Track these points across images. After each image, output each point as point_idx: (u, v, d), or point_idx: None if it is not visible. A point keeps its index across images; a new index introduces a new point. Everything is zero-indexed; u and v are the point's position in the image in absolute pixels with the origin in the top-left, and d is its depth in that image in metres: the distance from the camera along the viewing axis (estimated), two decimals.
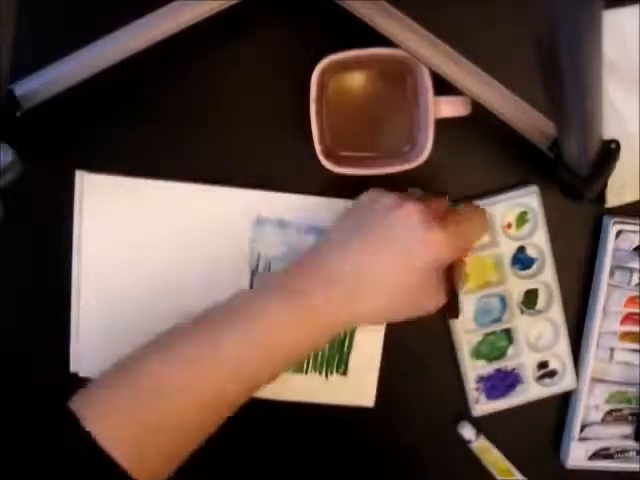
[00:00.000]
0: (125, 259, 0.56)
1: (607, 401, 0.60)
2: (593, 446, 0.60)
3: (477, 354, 0.58)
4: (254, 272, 0.56)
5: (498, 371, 0.59)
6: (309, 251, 0.49)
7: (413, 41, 0.48)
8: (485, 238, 0.53)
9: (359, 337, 0.58)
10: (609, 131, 0.47)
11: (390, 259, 0.45)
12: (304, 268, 0.47)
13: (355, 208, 0.50)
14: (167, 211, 0.55)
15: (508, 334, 0.58)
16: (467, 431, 0.59)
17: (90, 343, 0.56)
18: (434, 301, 0.48)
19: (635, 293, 0.58)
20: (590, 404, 0.60)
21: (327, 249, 0.47)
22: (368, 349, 0.58)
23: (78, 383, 0.57)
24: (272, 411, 0.59)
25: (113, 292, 0.56)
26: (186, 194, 0.55)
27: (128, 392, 0.43)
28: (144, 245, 0.55)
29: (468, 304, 0.58)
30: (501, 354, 0.59)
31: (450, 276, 0.50)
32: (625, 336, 0.59)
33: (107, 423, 0.41)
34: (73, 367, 0.57)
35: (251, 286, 0.56)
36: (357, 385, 0.58)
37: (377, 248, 0.46)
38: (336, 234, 0.49)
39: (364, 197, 0.49)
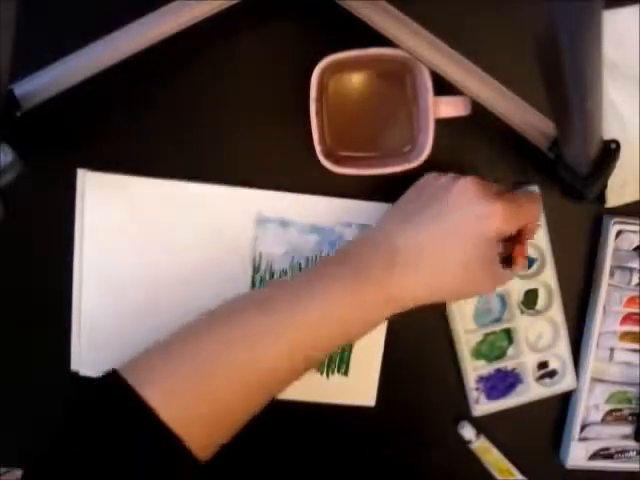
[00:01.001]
0: (126, 258, 0.56)
1: (607, 401, 0.60)
2: (593, 446, 0.60)
3: (477, 354, 0.58)
4: (255, 271, 0.56)
5: (498, 371, 0.59)
6: (371, 229, 0.50)
7: (413, 41, 0.48)
8: (539, 224, 0.52)
9: None
10: (609, 131, 0.47)
11: (450, 232, 0.45)
12: (366, 245, 0.48)
13: (414, 188, 0.50)
14: (168, 210, 0.55)
15: (508, 334, 0.58)
16: (467, 431, 0.59)
17: (91, 342, 0.56)
18: (492, 279, 0.48)
19: (635, 293, 0.58)
20: (590, 404, 0.60)
21: (389, 226, 0.48)
22: (369, 349, 0.58)
23: (78, 382, 0.57)
24: (273, 410, 0.59)
25: (114, 290, 0.56)
26: (187, 193, 0.55)
27: (191, 369, 0.43)
28: (145, 244, 0.56)
29: (468, 304, 0.58)
30: (501, 354, 0.59)
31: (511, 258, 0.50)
32: (625, 336, 0.59)
33: (171, 401, 0.42)
34: (74, 366, 0.57)
35: (253, 285, 0.56)
36: (358, 385, 0.59)
37: (437, 222, 0.46)
38: (397, 212, 0.49)
39: (421, 180, 0.50)
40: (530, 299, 0.58)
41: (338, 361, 0.58)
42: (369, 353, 0.58)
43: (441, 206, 0.46)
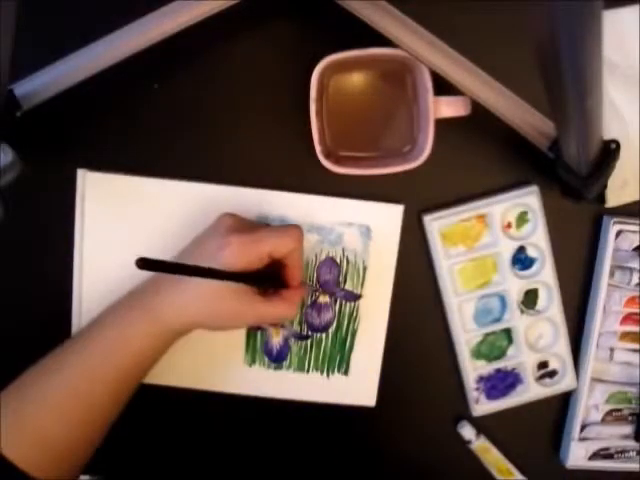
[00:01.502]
0: (126, 257, 0.55)
1: (607, 401, 0.60)
2: (593, 446, 0.60)
3: (477, 354, 0.58)
4: None
5: (498, 371, 0.59)
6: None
7: (413, 41, 0.48)
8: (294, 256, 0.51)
9: (361, 337, 0.58)
10: (609, 131, 0.47)
11: (199, 260, 0.47)
12: (139, 288, 0.52)
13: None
14: (168, 209, 0.55)
15: (508, 334, 0.58)
16: (467, 431, 0.59)
17: None
18: (250, 313, 0.49)
19: (635, 293, 0.58)
20: (590, 404, 0.60)
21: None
22: (369, 349, 0.58)
23: None
24: (273, 410, 0.59)
25: (114, 290, 0.56)
26: (188, 193, 0.55)
27: (17, 406, 0.47)
28: (145, 243, 0.56)
29: (468, 304, 0.58)
30: (501, 354, 0.59)
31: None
32: (625, 336, 0.59)
33: (10, 439, 0.45)
34: None
35: None
36: (358, 385, 0.59)
37: (194, 249, 0.50)
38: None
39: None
40: (530, 299, 0.58)
41: (338, 361, 0.58)
42: (369, 353, 0.58)
43: (201, 236, 0.51)
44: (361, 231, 0.56)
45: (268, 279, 0.50)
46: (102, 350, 0.49)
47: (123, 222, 0.55)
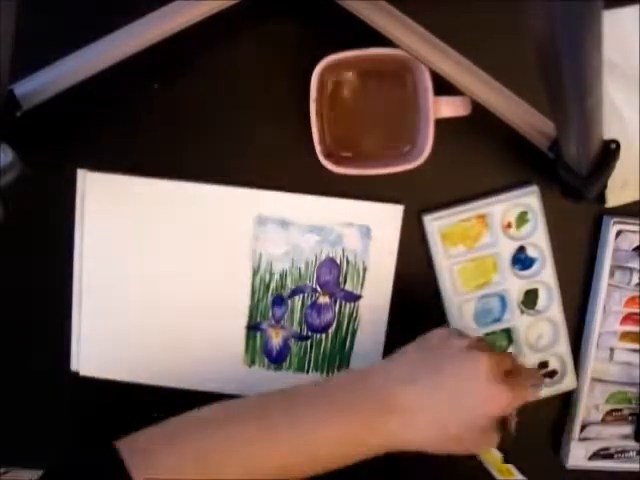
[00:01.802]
0: (126, 258, 0.56)
1: (607, 401, 0.60)
2: (593, 446, 0.60)
3: None
4: (256, 271, 0.56)
5: None
6: (372, 375, 0.47)
7: (413, 41, 0.48)
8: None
9: (360, 337, 0.58)
10: (609, 131, 0.47)
11: (452, 401, 0.45)
12: (368, 392, 0.46)
13: (423, 343, 0.49)
14: (168, 210, 0.55)
15: (508, 334, 0.58)
16: None
17: (91, 342, 0.56)
18: (480, 444, 0.48)
19: (635, 293, 0.58)
20: (590, 404, 0.60)
21: (392, 380, 0.46)
22: (369, 349, 0.58)
23: (78, 382, 0.58)
24: None
25: (114, 290, 0.56)
26: (187, 193, 0.55)
27: (191, 458, 0.43)
28: (145, 244, 0.56)
29: (468, 304, 0.58)
30: None
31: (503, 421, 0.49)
32: (625, 336, 0.59)
33: None
34: (73, 366, 0.57)
35: (252, 286, 0.56)
36: None
37: (442, 385, 0.45)
38: (402, 366, 0.48)
39: (433, 335, 0.48)
40: (530, 299, 0.58)
41: (338, 361, 0.58)
42: (369, 354, 0.58)
43: (453, 373, 0.45)
44: (361, 231, 0.56)
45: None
46: (300, 447, 0.44)
47: (123, 222, 0.55)
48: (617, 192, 0.56)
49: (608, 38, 0.33)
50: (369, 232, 0.56)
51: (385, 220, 0.56)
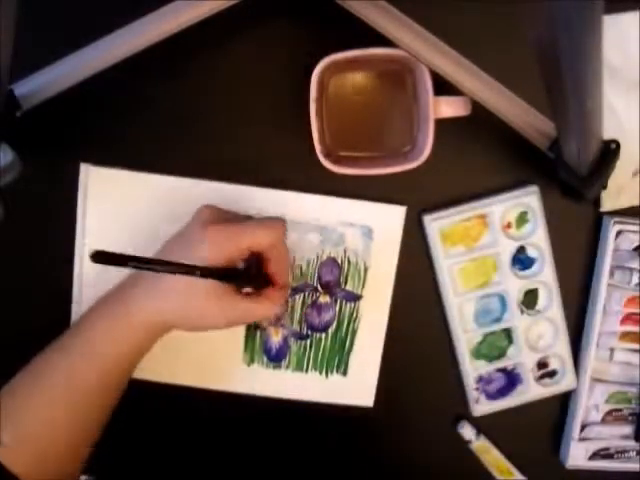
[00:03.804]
0: (127, 253, 0.56)
1: (607, 401, 0.60)
2: (593, 446, 0.60)
3: (477, 354, 0.58)
4: None
5: (498, 371, 0.59)
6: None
7: (413, 41, 0.48)
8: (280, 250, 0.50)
9: (360, 337, 0.58)
10: (607, 136, 0.47)
11: (177, 254, 0.46)
12: (122, 281, 0.50)
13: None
14: (171, 206, 0.55)
15: (508, 334, 0.58)
16: (467, 431, 0.59)
17: None
18: (224, 313, 0.47)
19: (635, 293, 0.58)
20: (590, 404, 0.60)
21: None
22: (369, 349, 0.58)
23: None
24: (271, 409, 0.59)
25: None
26: (188, 190, 0.55)
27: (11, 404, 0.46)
28: (146, 241, 0.55)
29: (468, 304, 0.58)
30: (501, 354, 0.59)
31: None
32: (625, 336, 0.59)
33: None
34: None
35: None
36: (357, 385, 0.59)
37: (171, 244, 0.48)
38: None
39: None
40: (530, 299, 0.58)
41: (337, 361, 0.58)
42: (369, 354, 0.58)
43: (181, 229, 0.49)
44: (363, 232, 0.56)
45: (248, 276, 0.48)
46: (83, 349, 0.48)
47: (125, 218, 0.55)
48: (613, 197, 0.56)
49: (609, 43, 0.33)
50: (371, 232, 0.56)
51: (387, 221, 0.56)
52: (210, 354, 0.57)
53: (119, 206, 0.55)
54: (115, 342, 0.47)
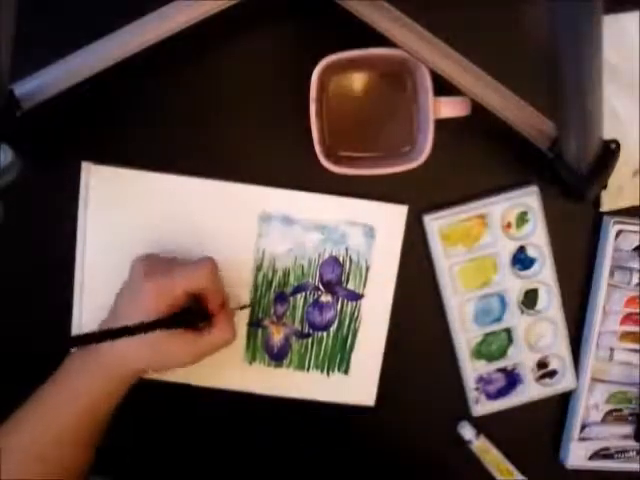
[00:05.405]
0: (128, 254, 0.56)
1: (607, 401, 0.60)
2: (593, 446, 0.60)
3: (477, 354, 0.58)
4: (259, 268, 0.56)
5: (498, 371, 0.59)
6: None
7: (413, 41, 0.48)
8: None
9: (361, 336, 0.58)
10: (607, 136, 0.47)
11: (126, 312, 0.48)
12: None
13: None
14: (173, 205, 0.55)
15: (508, 334, 0.58)
16: (467, 431, 0.59)
17: None
18: (187, 350, 0.49)
19: (635, 293, 0.58)
20: (590, 404, 0.60)
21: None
22: (370, 348, 0.58)
23: None
24: (273, 408, 0.59)
25: (117, 285, 0.56)
26: (191, 189, 0.55)
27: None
28: (149, 239, 0.56)
29: (468, 304, 0.58)
30: (501, 354, 0.59)
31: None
32: (625, 336, 0.59)
33: None
34: None
35: (255, 282, 0.57)
36: (358, 384, 0.59)
37: (121, 298, 0.51)
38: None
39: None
40: (530, 299, 0.58)
41: (339, 360, 0.58)
42: (370, 353, 0.58)
43: (123, 287, 0.51)
44: (365, 231, 0.56)
45: (191, 315, 0.50)
46: (56, 405, 0.49)
47: (126, 218, 0.55)
48: (613, 197, 0.56)
49: (609, 43, 0.33)
50: (373, 232, 0.56)
51: (389, 220, 0.56)
52: None
53: (120, 204, 0.55)
54: (87, 394, 0.49)
